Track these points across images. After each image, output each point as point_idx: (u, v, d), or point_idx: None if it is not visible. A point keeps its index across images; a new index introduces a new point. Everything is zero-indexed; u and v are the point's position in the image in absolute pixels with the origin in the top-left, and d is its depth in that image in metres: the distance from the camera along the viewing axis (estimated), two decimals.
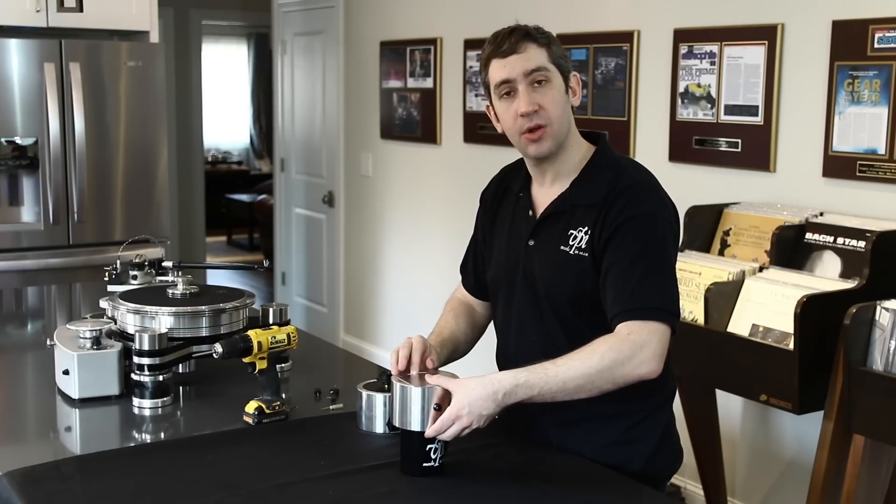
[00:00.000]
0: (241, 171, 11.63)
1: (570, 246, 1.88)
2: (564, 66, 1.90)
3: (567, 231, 1.89)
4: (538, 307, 1.94)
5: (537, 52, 1.87)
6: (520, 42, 1.86)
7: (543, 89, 1.86)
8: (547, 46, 1.88)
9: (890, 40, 2.95)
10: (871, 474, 2.64)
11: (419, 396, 1.76)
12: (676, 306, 1.85)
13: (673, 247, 1.88)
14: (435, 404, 1.76)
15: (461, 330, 2.10)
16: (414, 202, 5.16)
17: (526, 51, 1.86)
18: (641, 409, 1.95)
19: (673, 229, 1.89)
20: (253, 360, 2.00)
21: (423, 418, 1.75)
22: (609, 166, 1.92)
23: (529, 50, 1.86)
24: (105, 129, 4.34)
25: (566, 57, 1.92)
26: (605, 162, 1.93)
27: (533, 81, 1.86)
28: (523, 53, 1.86)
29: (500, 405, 1.74)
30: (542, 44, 1.88)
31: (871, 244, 2.72)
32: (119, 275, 2.59)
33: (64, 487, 1.70)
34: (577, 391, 1.76)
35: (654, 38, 3.76)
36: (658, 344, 1.79)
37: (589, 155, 1.94)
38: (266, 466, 1.79)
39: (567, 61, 1.92)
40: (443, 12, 4.89)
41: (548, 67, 1.87)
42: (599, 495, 1.74)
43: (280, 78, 6.46)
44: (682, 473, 3.67)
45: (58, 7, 4.27)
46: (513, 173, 2.07)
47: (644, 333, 1.78)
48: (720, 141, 3.50)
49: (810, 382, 2.65)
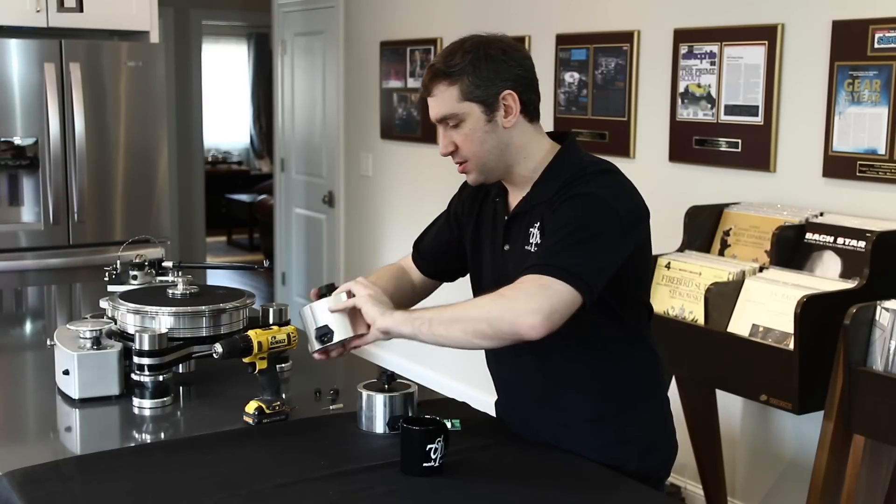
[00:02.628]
0: (241, 171, 11.63)
1: (532, 245, 1.89)
2: (484, 93, 1.85)
3: (528, 230, 1.90)
4: None
5: (447, 92, 1.86)
6: (430, 83, 1.87)
7: (458, 128, 1.88)
8: (461, 80, 1.84)
9: (890, 40, 2.95)
10: (871, 474, 2.64)
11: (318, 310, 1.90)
12: (591, 276, 1.75)
13: (614, 234, 1.80)
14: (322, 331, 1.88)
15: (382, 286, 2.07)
16: (414, 202, 5.16)
17: (436, 94, 1.87)
18: (631, 407, 1.96)
19: (620, 218, 1.81)
20: (253, 360, 2.00)
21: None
22: (570, 164, 1.90)
23: (438, 92, 1.87)
24: (105, 129, 4.34)
25: (491, 79, 1.85)
26: (568, 161, 1.91)
27: (446, 124, 1.88)
28: (436, 97, 1.87)
29: (390, 325, 1.80)
30: (454, 80, 1.85)
31: (871, 244, 2.72)
32: (119, 275, 2.59)
33: (64, 487, 1.70)
34: (458, 339, 1.78)
35: (654, 38, 3.76)
36: (546, 300, 1.71)
37: (550, 157, 1.92)
38: (266, 466, 1.79)
39: (490, 84, 1.85)
40: (443, 12, 4.89)
41: (456, 111, 1.86)
42: (599, 495, 1.74)
43: (280, 78, 6.46)
44: (682, 473, 3.67)
45: (58, 7, 4.26)
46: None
47: (534, 286, 1.73)
48: (720, 141, 3.50)
49: (810, 382, 2.65)
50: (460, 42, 1.89)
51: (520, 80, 1.88)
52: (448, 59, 1.86)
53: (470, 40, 1.88)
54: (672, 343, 2.97)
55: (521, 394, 2.03)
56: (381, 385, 1.98)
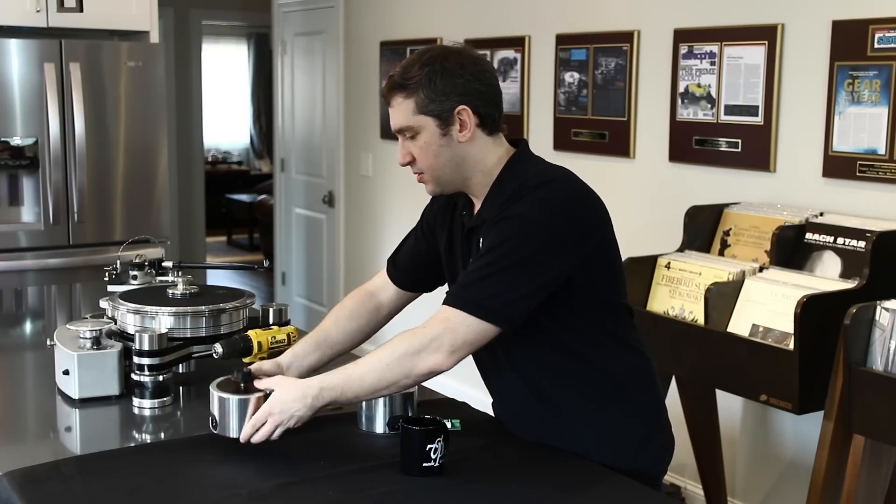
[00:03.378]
0: (241, 171, 11.63)
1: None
2: (438, 108, 1.84)
3: (479, 245, 1.90)
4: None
5: (404, 104, 1.86)
6: (388, 94, 1.89)
7: (414, 140, 1.88)
8: (416, 93, 1.84)
9: (890, 40, 2.95)
10: (871, 474, 2.64)
11: (236, 406, 1.82)
12: (507, 307, 1.77)
13: (546, 253, 1.79)
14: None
15: (339, 327, 2.11)
16: (414, 202, 5.15)
17: (394, 105, 1.88)
18: (618, 407, 1.95)
19: (553, 234, 1.80)
20: (253, 360, 2.00)
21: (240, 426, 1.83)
22: (515, 176, 1.89)
23: (396, 104, 1.87)
24: (105, 129, 4.34)
25: (446, 93, 1.84)
26: (513, 173, 1.89)
27: (404, 136, 1.90)
28: (394, 108, 1.88)
29: (311, 408, 1.80)
30: (410, 93, 1.85)
31: (871, 244, 2.72)
32: (119, 275, 2.59)
33: (64, 487, 1.70)
34: (374, 387, 1.80)
35: (654, 38, 3.76)
36: (451, 336, 1.77)
37: (498, 171, 1.91)
38: (266, 466, 1.79)
39: (447, 98, 1.84)
40: (443, 12, 4.89)
41: (412, 124, 1.86)
42: (599, 495, 1.74)
43: (280, 78, 6.46)
44: (682, 473, 3.67)
45: (58, 7, 4.27)
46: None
47: (439, 325, 1.78)
48: (720, 141, 3.50)
49: (810, 382, 2.65)
50: (419, 54, 1.89)
51: (476, 94, 1.86)
52: (406, 72, 1.86)
53: (429, 53, 1.88)
54: (672, 343, 2.97)
55: (510, 399, 2.03)
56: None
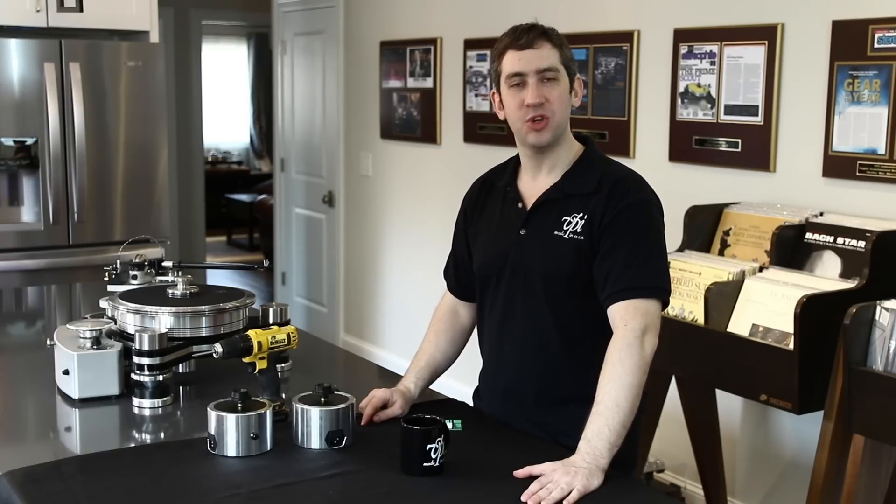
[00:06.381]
0: (241, 171, 11.63)
1: (565, 231, 2.00)
2: (572, 68, 2.03)
3: (561, 217, 2.01)
4: (529, 292, 2.03)
5: (550, 51, 1.99)
6: (537, 39, 1.99)
7: (551, 85, 1.99)
8: (560, 48, 2.01)
9: (890, 40, 2.95)
10: (871, 474, 2.64)
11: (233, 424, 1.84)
12: (669, 283, 2.01)
13: (663, 229, 2.03)
14: None
15: (440, 350, 2.20)
16: (414, 202, 5.16)
17: (541, 48, 1.99)
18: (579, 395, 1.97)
19: (662, 217, 2.05)
20: (253, 360, 2.00)
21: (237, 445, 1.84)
22: (599, 161, 2.07)
23: (544, 48, 1.99)
24: (105, 129, 4.34)
25: (574, 61, 2.05)
26: (596, 158, 2.08)
27: (543, 78, 1.98)
28: (538, 50, 1.98)
29: (604, 468, 1.77)
30: (555, 44, 2.00)
31: (871, 244, 2.72)
32: (119, 275, 2.59)
33: (64, 487, 1.70)
34: (633, 404, 1.83)
35: (654, 38, 3.76)
36: (653, 321, 1.92)
37: (580, 152, 2.08)
38: (266, 466, 1.80)
39: (574, 65, 2.05)
40: (443, 12, 4.89)
41: (558, 67, 1.99)
42: (599, 494, 1.74)
43: (280, 78, 6.46)
44: (682, 473, 3.67)
45: (58, 7, 4.27)
46: (496, 172, 2.18)
47: (638, 317, 1.90)
48: (720, 141, 3.50)
49: (810, 382, 2.65)
50: (535, 24, 2.03)
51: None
52: (549, 28, 2.01)
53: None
54: (672, 343, 2.96)
55: (514, 374, 2.08)
56: (318, 398, 1.92)
